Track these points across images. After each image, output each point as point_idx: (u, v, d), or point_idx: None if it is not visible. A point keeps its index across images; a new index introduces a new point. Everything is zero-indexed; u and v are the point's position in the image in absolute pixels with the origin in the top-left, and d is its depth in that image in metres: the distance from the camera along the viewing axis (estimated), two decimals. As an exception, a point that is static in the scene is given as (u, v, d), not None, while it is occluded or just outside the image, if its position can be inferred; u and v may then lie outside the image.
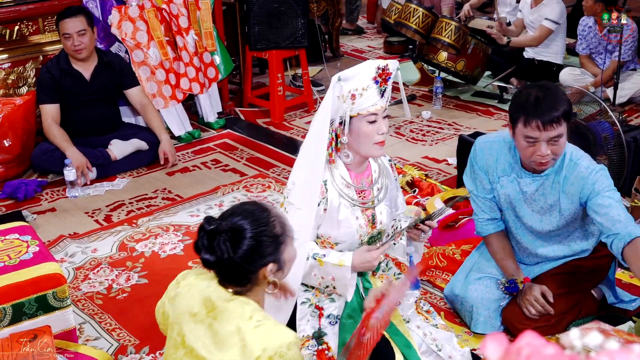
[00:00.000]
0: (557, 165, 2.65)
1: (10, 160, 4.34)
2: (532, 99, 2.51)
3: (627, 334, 2.79)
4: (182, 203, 4.12)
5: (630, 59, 5.46)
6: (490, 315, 2.87)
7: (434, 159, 4.70)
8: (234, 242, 1.76)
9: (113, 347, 2.89)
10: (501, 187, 2.78)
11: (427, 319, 2.57)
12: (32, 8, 4.57)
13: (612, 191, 2.58)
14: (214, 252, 1.76)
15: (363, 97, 2.33)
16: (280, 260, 1.84)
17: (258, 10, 5.23)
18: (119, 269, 3.45)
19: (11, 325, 2.47)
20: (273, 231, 1.81)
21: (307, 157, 2.41)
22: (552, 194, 2.69)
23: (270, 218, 1.83)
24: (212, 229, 1.77)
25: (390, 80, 2.38)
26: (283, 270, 1.88)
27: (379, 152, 2.46)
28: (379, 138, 2.39)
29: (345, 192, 2.44)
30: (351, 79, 2.32)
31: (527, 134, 2.52)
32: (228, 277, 1.83)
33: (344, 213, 2.44)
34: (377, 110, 2.36)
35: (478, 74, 5.91)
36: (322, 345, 2.42)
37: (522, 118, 2.52)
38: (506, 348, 0.81)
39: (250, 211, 1.82)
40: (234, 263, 1.77)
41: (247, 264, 1.78)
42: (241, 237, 1.77)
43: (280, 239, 1.83)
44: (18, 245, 2.69)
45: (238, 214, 1.81)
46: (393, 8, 5.96)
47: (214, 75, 5.25)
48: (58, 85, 4.38)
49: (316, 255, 2.42)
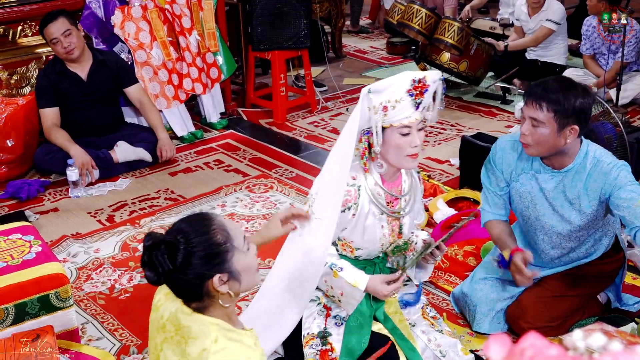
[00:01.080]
0: (578, 163, 2.63)
1: (13, 160, 4.35)
2: (545, 82, 2.57)
3: (630, 335, 2.79)
4: (185, 203, 4.13)
5: (633, 60, 5.45)
6: (493, 315, 2.86)
7: (436, 159, 4.70)
8: (170, 255, 1.68)
9: (115, 347, 2.89)
10: (521, 185, 2.76)
11: (433, 325, 2.57)
12: (35, 8, 4.58)
13: (636, 185, 2.58)
14: (153, 267, 1.69)
15: (396, 110, 2.29)
16: (230, 269, 1.74)
17: (261, 10, 5.24)
18: (122, 269, 3.45)
19: (14, 325, 2.47)
20: (212, 240, 1.72)
21: (331, 167, 2.38)
22: (571, 191, 2.66)
23: (212, 227, 1.74)
24: (150, 244, 1.70)
25: (427, 93, 2.33)
26: (238, 279, 1.77)
27: (412, 165, 2.42)
28: (412, 151, 2.35)
29: (376, 199, 2.42)
30: (382, 92, 2.27)
31: (522, 108, 2.61)
32: (179, 292, 1.76)
33: (371, 220, 2.43)
34: (410, 122, 2.32)
35: (481, 75, 5.90)
36: (326, 345, 2.41)
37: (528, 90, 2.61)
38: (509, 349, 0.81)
39: (190, 221, 1.76)
40: (175, 277, 1.70)
41: (190, 276, 1.70)
42: (175, 249, 1.69)
43: (222, 248, 1.73)
44: (21, 245, 2.70)
45: (177, 226, 1.75)
46: (396, 9, 5.96)
47: (217, 76, 5.25)
48: (56, 89, 4.38)
49: (333, 266, 2.43)
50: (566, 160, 2.64)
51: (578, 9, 7.25)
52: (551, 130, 2.52)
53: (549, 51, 5.97)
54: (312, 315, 2.49)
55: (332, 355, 2.39)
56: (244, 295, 3.17)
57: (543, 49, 5.98)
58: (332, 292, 2.47)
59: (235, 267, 1.75)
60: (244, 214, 3.96)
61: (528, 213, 2.80)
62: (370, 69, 6.81)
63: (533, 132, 2.54)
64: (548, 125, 2.51)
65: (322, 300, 2.53)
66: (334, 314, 2.50)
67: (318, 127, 5.34)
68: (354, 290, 2.41)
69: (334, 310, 2.51)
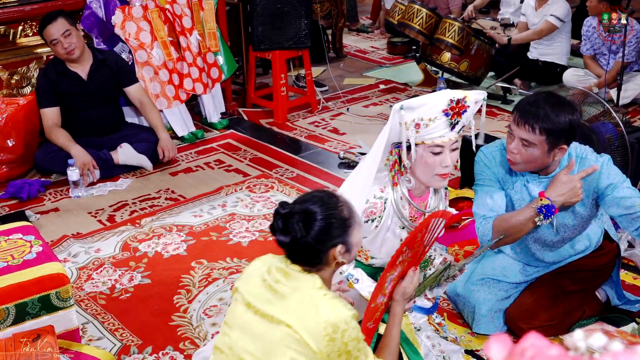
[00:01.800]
0: (563, 165, 2.63)
1: (13, 160, 4.35)
2: (535, 98, 2.52)
3: (630, 335, 2.79)
4: (186, 203, 4.13)
5: (634, 60, 5.45)
6: (492, 315, 2.86)
7: (437, 159, 4.69)
8: (306, 223, 1.88)
9: (116, 347, 2.89)
10: (515, 192, 2.75)
11: (438, 331, 2.57)
12: (36, 8, 4.58)
13: (626, 180, 2.61)
14: (288, 233, 1.89)
15: (429, 128, 2.23)
16: (348, 242, 1.94)
17: (261, 10, 5.24)
18: (122, 269, 3.45)
19: (14, 325, 2.47)
20: (341, 215, 1.92)
21: (356, 177, 2.38)
22: None
23: (339, 203, 1.94)
24: (287, 212, 1.90)
25: (465, 114, 2.26)
26: (350, 252, 1.96)
27: (441, 184, 2.37)
28: (442, 170, 2.29)
29: (401, 212, 2.39)
30: (416, 109, 2.21)
31: (510, 125, 2.58)
32: (300, 257, 1.94)
33: (391, 234, 2.42)
34: (443, 142, 2.26)
35: (481, 74, 5.91)
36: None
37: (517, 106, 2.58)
38: (510, 349, 0.81)
39: (320, 197, 1.95)
40: (306, 243, 1.89)
41: (318, 244, 1.90)
42: (313, 219, 1.89)
43: (348, 222, 1.93)
44: (21, 245, 2.70)
45: (309, 199, 1.94)
46: (396, 9, 5.97)
47: (217, 76, 5.25)
48: (56, 89, 4.38)
49: (350, 277, 2.42)
50: (550, 168, 2.65)
51: (579, 10, 7.25)
52: (541, 152, 2.51)
53: (551, 50, 5.97)
54: None
55: None
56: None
57: (545, 47, 5.98)
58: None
59: (352, 240, 1.95)
60: (245, 214, 3.96)
61: None
62: (371, 69, 6.81)
63: (522, 152, 2.53)
64: (539, 147, 2.50)
65: None
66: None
67: (319, 127, 5.34)
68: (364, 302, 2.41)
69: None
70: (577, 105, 2.61)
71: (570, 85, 5.47)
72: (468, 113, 2.27)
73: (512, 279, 2.88)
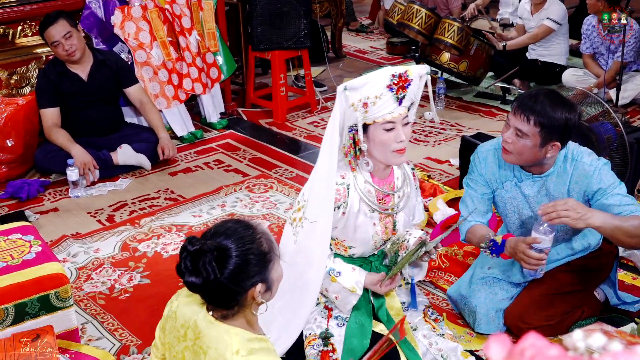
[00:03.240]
0: (557, 166, 2.65)
1: (13, 160, 4.35)
2: (535, 93, 2.57)
3: (630, 336, 2.79)
4: (185, 203, 4.13)
5: (633, 60, 5.46)
6: (492, 315, 2.86)
7: (436, 159, 4.70)
8: (219, 262, 1.66)
9: (115, 347, 2.89)
10: (506, 192, 2.78)
11: (434, 328, 2.57)
12: (35, 8, 4.58)
13: (619, 187, 2.58)
14: (199, 274, 1.65)
15: (377, 105, 2.26)
16: (269, 279, 1.75)
17: (261, 10, 5.24)
18: (122, 269, 3.45)
19: (14, 325, 2.47)
20: (260, 249, 1.71)
21: (320, 167, 2.37)
22: (557, 195, 2.68)
23: (256, 235, 1.73)
24: (196, 249, 1.66)
25: (410, 87, 2.29)
26: (271, 290, 1.78)
27: (399, 160, 2.40)
28: (398, 146, 2.33)
29: (366, 197, 2.41)
30: (360, 88, 2.24)
31: (507, 115, 2.61)
32: (215, 300, 1.74)
33: (362, 219, 2.42)
34: (394, 118, 2.29)
35: (481, 75, 5.91)
36: (328, 346, 2.41)
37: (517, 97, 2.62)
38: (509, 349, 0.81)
39: (235, 229, 1.72)
40: (221, 284, 1.67)
41: (235, 284, 1.68)
42: (227, 256, 1.66)
43: (267, 257, 1.73)
44: (21, 245, 2.70)
45: (221, 232, 1.71)
46: (396, 9, 5.97)
47: (217, 76, 5.25)
48: (56, 89, 4.38)
49: (331, 272, 2.43)
50: (545, 167, 2.66)
51: (578, 9, 7.25)
52: (533, 144, 2.53)
53: (550, 51, 5.97)
54: (312, 315, 2.49)
55: (333, 357, 2.39)
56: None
57: (544, 48, 5.98)
58: (327, 294, 2.48)
59: (273, 276, 1.76)
60: (244, 214, 3.96)
61: (514, 219, 2.83)
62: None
63: (515, 142, 2.55)
64: (531, 139, 2.52)
65: (322, 300, 2.54)
66: (336, 314, 2.50)
67: (318, 127, 5.34)
68: (351, 295, 2.42)
69: (335, 311, 2.51)
70: (577, 107, 2.61)
71: (570, 85, 5.47)
72: (413, 87, 2.30)
73: (513, 279, 2.88)
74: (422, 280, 3.27)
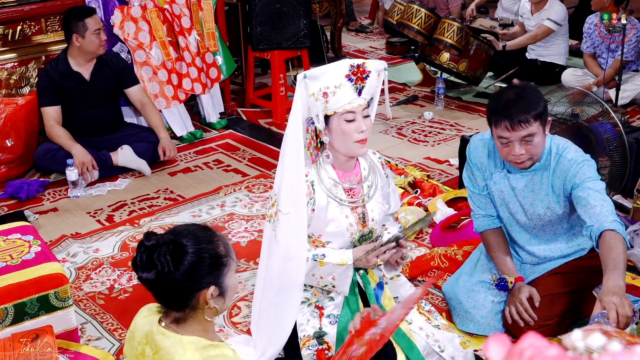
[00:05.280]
0: (543, 160, 2.69)
1: (12, 160, 4.35)
2: (504, 100, 2.57)
3: (629, 336, 2.79)
4: (184, 203, 4.12)
5: (632, 59, 5.46)
6: (487, 316, 2.87)
7: (435, 159, 4.70)
8: (174, 256, 1.66)
9: (115, 347, 2.89)
10: (494, 183, 2.82)
11: (429, 319, 2.57)
12: (35, 8, 4.57)
13: (594, 181, 2.59)
14: (153, 267, 1.65)
15: (337, 95, 2.32)
16: (222, 284, 1.74)
17: (260, 10, 5.24)
18: (121, 269, 3.45)
19: (13, 325, 2.47)
20: (216, 251, 1.72)
21: (287, 159, 2.38)
22: (541, 189, 2.72)
23: (214, 238, 1.74)
24: (153, 244, 1.67)
25: (369, 79, 2.35)
26: (224, 297, 1.76)
27: (361, 151, 2.44)
28: (359, 136, 2.37)
29: (332, 192, 2.44)
30: (320, 77, 2.30)
31: (499, 135, 2.59)
32: (167, 299, 1.74)
33: (333, 212, 2.45)
34: (354, 108, 2.35)
35: (480, 75, 5.91)
36: (323, 345, 2.42)
37: (493, 119, 2.60)
38: (509, 349, 0.81)
39: (193, 230, 1.74)
40: (174, 280, 1.67)
41: (188, 281, 1.68)
42: (183, 252, 1.67)
43: (222, 261, 1.73)
44: (20, 245, 2.69)
45: (180, 231, 1.73)
46: (395, 9, 5.97)
47: (216, 76, 5.25)
48: (58, 88, 4.38)
49: (316, 257, 2.44)
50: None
51: (578, 9, 7.25)
52: (541, 136, 2.59)
53: (549, 51, 5.97)
54: (305, 317, 2.50)
55: (328, 354, 2.39)
56: (243, 294, 3.17)
57: (543, 48, 5.98)
58: (323, 282, 2.47)
59: (227, 283, 1.76)
60: (244, 214, 3.96)
61: (502, 210, 2.87)
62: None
63: (529, 148, 2.59)
64: (538, 133, 2.57)
65: (312, 300, 2.54)
66: (327, 313, 2.50)
67: (317, 127, 5.34)
68: (345, 268, 2.42)
69: (326, 310, 2.51)
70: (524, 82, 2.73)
71: (569, 85, 5.47)
72: (371, 79, 2.36)
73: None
74: (420, 280, 3.28)
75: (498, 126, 2.57)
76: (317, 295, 2.54)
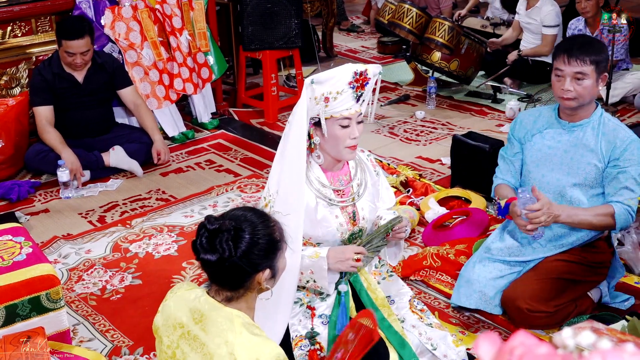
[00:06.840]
0: (594, 119, 2.82)
1: (3, 161, 4.33)
2: (572, 38, 2.84)
3: (620, 333, 2.80)
4: (176, 204, 4.12)
5: (622, 58, 5.48)
6: (486, 292, 2.94)
7: (427, 158, 4.71)
8: (235, 241, 1.75)
9: (107, 348, 2.88)
10: (534, 144, 2.92)
11: (422, 318, 2.58)
12: (25, 9, 4.55)
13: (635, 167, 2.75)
14: (215, 251, 1.74)
15: (337, 101, 2.33)
16: (275, 267, 1.84)
17: (252, 10, 5.23)
18: (113, 270, 3.44)
19: (4, 327, 2.46)
20: (272, 235, 1.81)
21: (288, 160, 2.37)
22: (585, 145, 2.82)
23: (271, 223, 1.83)
24: (215, 228, 1.75)
25: (368, 86, 2.38)
26: (275, 277, 1.87)
27: (350, 156, 2.47)
28: (351, 142, 2.40)
29: (322, 193, 2.45)
30: (325, 82, 2.31)
31: (556, 66, 2.78)
32: (223, 280, 1.81)
33: (322, 212, 2.45)
34: (350, 114, 2.37)
35: (472, 73, 5.92)
36: (315, 345, 2.42)
37: (556, 53, 2.81)
38: (499, 347, 0.82)
39: (250, 215, 1.82)
40: (234, 264, 1.75)
41: (247, 265, 1.77)
42: (243, 237, 1.76)
43: (278, 245, 1.83)
44: (11, 246, 2.68)
45: (239, 216, 1.81)
46: (387, 8, 5.97)
47: (208, 76, 5.25)
48: (51, 88, 4.36)
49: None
50: (583, 114, 2.83)
51: (568, 9, 7.26)
52: (592, 81, 2.74)
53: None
54: (297, 317, 2.49)
55: (320, 355, 2.39)
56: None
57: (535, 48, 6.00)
58: (304, 277, 2.44)
59: (279, 265, 1.86)
60: (236, 214, 3.96)
61: (536, 171, 2.93)
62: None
63: (577, 86, 2.74)
64: (590, 77, 2.73)
65: (304, 300, 2.53)
66: (319, 313, 2.50)
67: (309, 126, 5.34)
68: (319, 260, 2.38)
69: (318, 310, 2.51)
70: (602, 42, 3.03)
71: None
72: (369, 86, 2.39)
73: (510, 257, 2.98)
74: (413, 279, 3.29)
75: (557, 58, 2.77)
76: (310, 296, 2.53)
